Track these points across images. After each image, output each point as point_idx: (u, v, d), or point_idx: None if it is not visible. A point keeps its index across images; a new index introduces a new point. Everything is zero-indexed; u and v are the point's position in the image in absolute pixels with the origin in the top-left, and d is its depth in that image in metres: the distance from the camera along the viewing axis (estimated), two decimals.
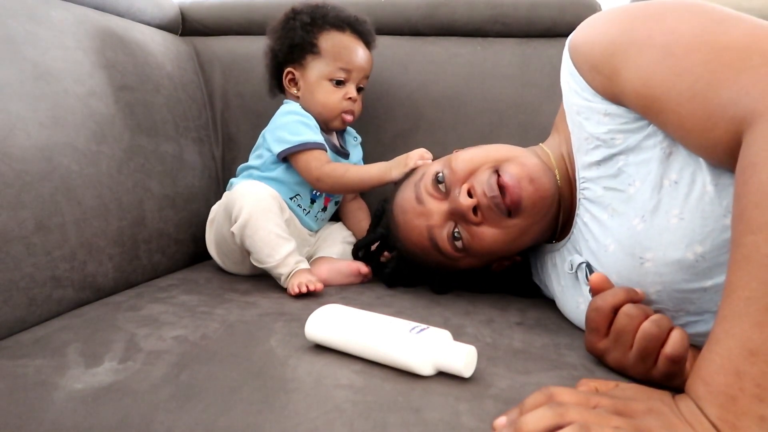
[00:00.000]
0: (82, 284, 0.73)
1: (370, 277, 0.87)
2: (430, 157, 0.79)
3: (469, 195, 0.67)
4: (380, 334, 0.53)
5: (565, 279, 0.70)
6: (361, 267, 0.85)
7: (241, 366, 0.53)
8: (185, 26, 1.19)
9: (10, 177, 0.65)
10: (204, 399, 0.48)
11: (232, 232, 0.80)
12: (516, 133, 1.02)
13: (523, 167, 0.67)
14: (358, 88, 0.94)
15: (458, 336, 0.57)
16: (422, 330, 0.52)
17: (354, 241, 0.96)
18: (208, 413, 0.46)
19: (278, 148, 0.88)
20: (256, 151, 0.96)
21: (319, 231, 0.99)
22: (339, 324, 0.57)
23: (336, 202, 1.00)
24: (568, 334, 0.65)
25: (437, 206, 0.70)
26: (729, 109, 0.45)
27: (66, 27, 0.82)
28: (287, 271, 0.79)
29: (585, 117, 0.61)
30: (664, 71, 0.51)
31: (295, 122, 0.89)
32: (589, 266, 0.63)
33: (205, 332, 0.61)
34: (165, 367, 0.53)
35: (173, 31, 1.15)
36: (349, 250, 0.92)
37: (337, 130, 0.98)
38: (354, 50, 0.92)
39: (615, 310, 0.53)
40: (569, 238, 0.69)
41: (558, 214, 0.71)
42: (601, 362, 0.55)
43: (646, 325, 0.50)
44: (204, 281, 0.86)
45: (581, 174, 0.64)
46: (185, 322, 0.64)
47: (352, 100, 0.92)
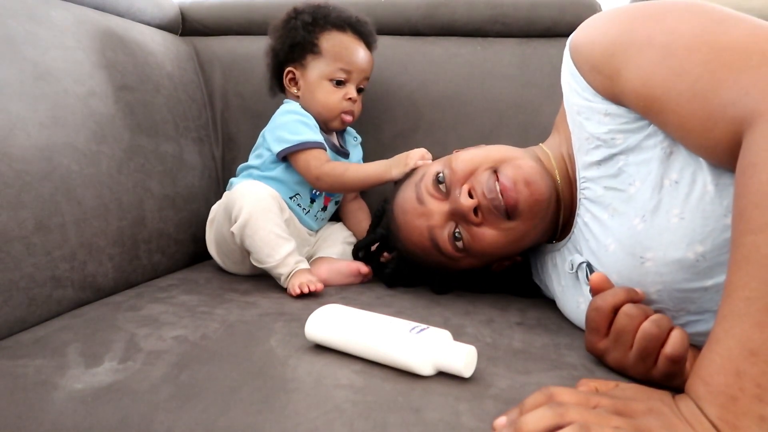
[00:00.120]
0: (82, 284, 0.73)
1: (370, 277, 0.87)
2: (431, 158, 0.79)
3: (470, 195, 0.67)
4: (380, 334, 0.53)
5: (566, 279, 0.70)
6: (361, 267, 0.85)
7: (241, 366, 0.53)
8: (185, 26, 1.19)
9: (10, 177, 0.65)
10: (204, 399, 0.48)
11: (232, 232, 0.80)
12: (516, 133, 1.02)
13: (520, 170, 0.67)
14: (359, 89, 0.94)
15: (458, 336, 0.57)
16: (422, 330, 0.52)
17: (354, 241, 0.96)
18: (208, 413, 0.46)
19: (278, 148, 0.88)
20: (255, 150, 0.96)
21: (319, 231, 0.99)
22: (339, 324, 0.57)
23: (336, 202, 1.00)
24: (568, 334, 0.65)
25: (438, 206, 0.70)
26: (729, 110, 0.45)
27: (66, 27, 0.82)
28: (287, 271, 0.79)
29: (585, 117, 0.61)
30: (664, 71, 0.51)
31: (295, 122, 0.89)
32: (590, 266, 0.63)
33: (205, 332, 0.61)
34: (165, 367, 0.53)
35: (173, 31, 1.15)
36: (349, 250, 0.92)
37: (337, 130, 0.98)
38: (355, 51, 0.92)
39: (615, 310, 0.53)
40: (570, 238, 0.69)
41: (558, 214, 0.71)
42: (601, 362, 0.55)
43: (646, 325, 0.50)
44: (204, 281, 0.86)
45: (582, 174, 0.64)
46: (185, 322, 0.64)
47: (351, 100, 0.92)
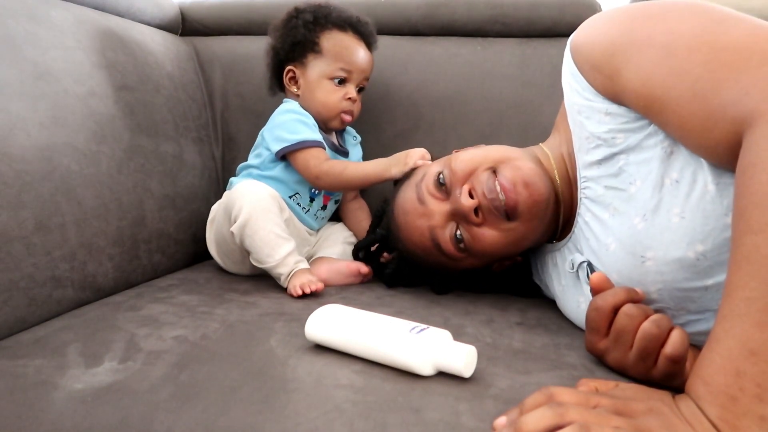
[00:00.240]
0: (82, 284, 0.73)
1: (370, 277, 0.87)
2: (430, 158, 0.80)
3: (470, 196, 0.67)
4: (380, 334, 0.53)
5: (566, 278, 0.70)
6: (361, 267, 0.85)
7: (241, 366, 0.53)
8: (185, 26, 1.19)
9: (10, 177, 0.65)
10: (204, 399, 0.48)
11: (232, 231, 0.80)
12: (516, 133, 1.02)
13: (519, 171, 0.67)
14: (358, 89, 0.94)
15: (458, 336, 0.57)
16: (422, 330, 0.52)
17: (355, 241, 0.96)
18: (208, 413, 0.46)
19: (277, 147, 0.88)
20: (255, 150, 0.96)
21: (320, 231, 0.99)
22: (339, 324, 0.57)
23: (336, 201, 1.00)
24: (568, 334, 0.65)
25: (439, 207, 0.70)
26: (729, 110, 0.45)
27: (66, 27, 0.82)
28: (287, 271, 0.79)
29: (586, 116, 0.61)
30: (665, 71, 0.51)
31: (294, 121, 0.89)
32: (590, 265, 0.63)
33: (205, 332, 0.61)
34: (165, 367, 0.53)
35: (173, 31, 1.15)
36: (349, 250, 0.92)
37: (336, 130, 0.98)
38: (355, 51, 0.92)
39: (615, 310, 0.53)
40: (570, 238, 0.69)
41: (558, 214, 0.71)
42: (601, 362, 0.55)
43: (646, 325, 0.50)
44: (204, 281, 0.86)
45: (582, 173, 0.64)
46: (185, 322, 0.64)
47: (351, 100, 0.92)
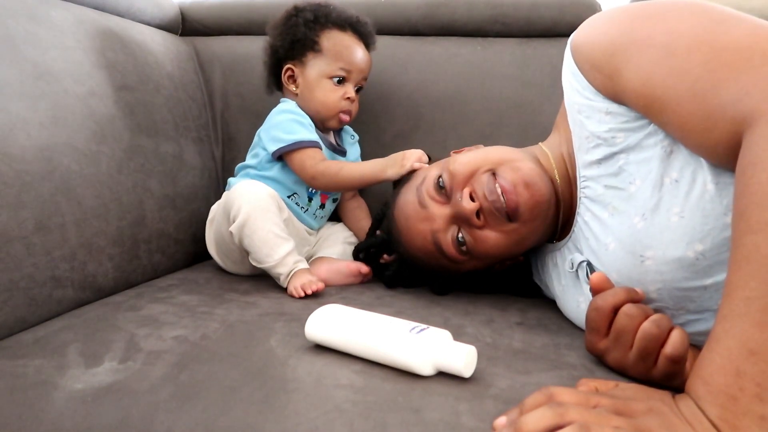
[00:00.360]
0: (82, 284, 0.73)
1: (370, 277, 0.87)
2: (427, 160, 0.79)
3: (471, 199, 0.67)
4: (380, 334, 0.53)
5: (566, 278, 0.70)
6: (361, 267, 0.85)
7: (241, 366, 0.53)
8: (185, 26, 1.19)
9: (10, 177, 0.65)
10: (204, 399, 0.48)
11: (231, 231, 0.80)
12: (516, 133, 1.02)
13: (519, 172, 0.67)
14: (357, 89, 0.94)
15: (458, 336, 0.57)
16: (422, 330, 0.52)
17: (355, 242, 0.96)
18: (208, 413, 0.46)
19: (273, 147, 0.88)
20: (252, 150, 0.96)
21: (320, 231, 0.99)
22: (339, 324, 0.57)
23: (334, 200, 1.00)
24: (568, 334, 0.65)
25: (440, 210, 0.70)
26: (729, 110, 0.45)
27: (66, 27, 0.82)
28: (286, 271, 0.79)
29: (586, 115, 0.61)
30: (665, 71, 0.51)
31: (290, 121, 0.89)
32: (590, 265, 0.63)
33: (205, 332, 0.61)
34: (165, 367, 0.53)
35: (173, 31, 1.15)
36: (349, 250, 0.92)
37: (334, 129, 0.98)
38: (355, 51, 0.92)
39: (615, 310, 0.53)
40: (570, 237, 0.68)
41: (558, 214, 0.71)
42: (601, 362, 0.55)
43: (646, 325, 0.50)
44: (204, 281, 0.86)
45: (582, 172, 0.64)
46: (185, 322, 0.64)
47: (350, 100, 0.92)
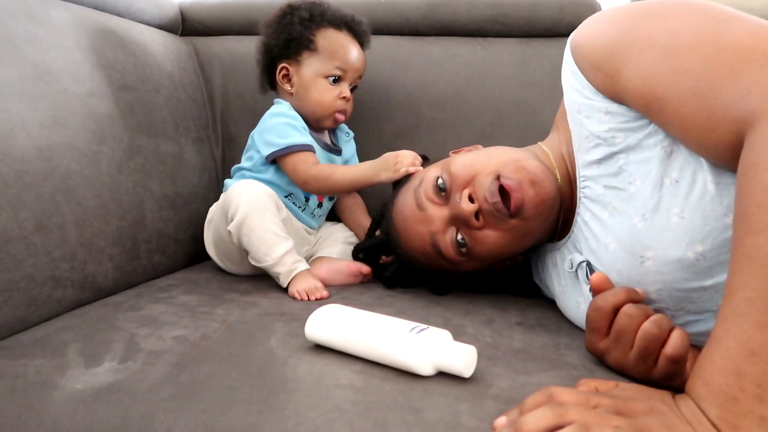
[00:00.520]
0: (82, 284, 0.73)
1: (370, 277, 0.87)
2: (420, 162, 0.79)
3: (470, 200, 0.67)
4: (380, 334, 0.53)
5: (566, 278, 0.70)
6: (361, 267, 0.85)
7: (241, 366, 0.53)
8: (185, 26, 1.19)
9: (10, 177, 0.65)
10: (204, 399, 0.48)
11: (229, 231, 0.80)
12: (516, 133, 1.02)
13: (524, 171, 0.66)
14: (351, 88, 0.94)
15: (458, 336, 0.57)
16: (422, 330, 0.52)
17: (355, 242, 0.96)
18: (208, 413, 0.46)
19: (266, 151, 0.88)
20: (247, 152, 0.95)
21: (319, 231, 0.99)
22: (339, 324, 0.56)
23: (330, 199, 1.00)
24: (568, 334, 0.65)
25: (438, 212, 0.70)
26: (731, 110, 0.45)
27: (66, 27, 0.82)
28: (285, 270, 0.79)
29: (586, 115, 0.61)
30: (666, 71, 0.51)
31: (282, 124, 0.89)
32: (590, 265, 0.63)
33: (205, 332, 0.61)
34: (165, 367, 0.53)
35: (173, 31, 1.15)
36: (349, 250, 0.92)
37: (329, 129, 0.98)
38: (350, 50, 0.92)
39: (615, 310, 0.52)
40: (569, 237, 0.68)
41: (559, 213, 0.70)
42: (601, 362, 0.55)
43: (647, 325, 0.50)
44: (204, 281, 0.86)
45: (582, 172, 0.64)
46: (185, 322, 0.64)
47: (345, 99, 0.92)
